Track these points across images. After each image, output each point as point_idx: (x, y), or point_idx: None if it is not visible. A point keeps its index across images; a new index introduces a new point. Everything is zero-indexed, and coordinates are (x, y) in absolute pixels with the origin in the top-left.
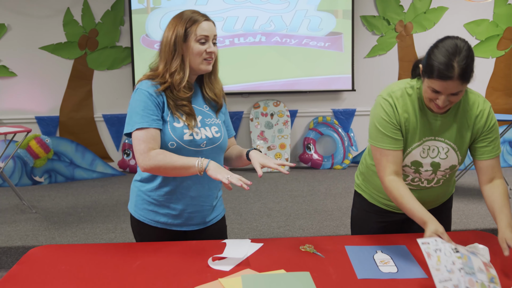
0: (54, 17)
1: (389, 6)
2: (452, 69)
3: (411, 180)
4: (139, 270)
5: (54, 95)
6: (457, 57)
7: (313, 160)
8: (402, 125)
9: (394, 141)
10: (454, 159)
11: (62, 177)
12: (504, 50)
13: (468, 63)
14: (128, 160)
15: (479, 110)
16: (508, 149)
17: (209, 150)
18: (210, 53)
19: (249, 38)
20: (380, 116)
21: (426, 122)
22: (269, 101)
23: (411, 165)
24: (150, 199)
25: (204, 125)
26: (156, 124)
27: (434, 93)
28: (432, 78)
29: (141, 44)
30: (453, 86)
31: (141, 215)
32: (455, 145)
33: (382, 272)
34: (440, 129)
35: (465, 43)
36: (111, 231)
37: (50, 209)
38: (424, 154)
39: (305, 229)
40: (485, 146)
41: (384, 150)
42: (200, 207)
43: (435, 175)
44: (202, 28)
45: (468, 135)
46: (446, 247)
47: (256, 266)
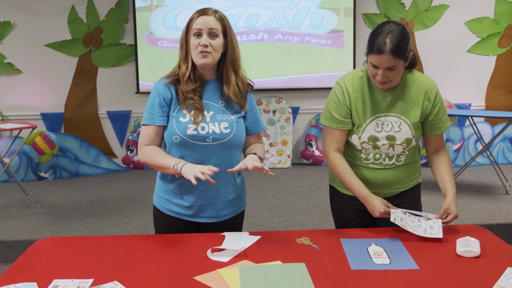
0: (59, 15)
1: (391, 4)
2: (384, 44)
3: (373, 158)
4: (140, 261)
5: (59, 92)
6: (391, 35)
7: (315, 156)
8: (353, 104)
9: (340, 122)
10: (408, 131)
11: (66, 173)
12: (505, 48)
13: (399, 41)
14: (132, 156)
15: (426, 88)
16: (509, 145)
17: (216, 146)
18: (204, 46)
19: (251, 36)
20: (331, 99)
21: (377, 100)
22: (271, 98)
23: (368, 141)
24: (166, 189)
25: (214, 120)
26: (158, 121)
27: (374, 68)
28: (371, 53)
29: (145, 42)
30: (387, 60)
31: (158, 203)
32: (406, 119)
33: (375, 263)
34: (391, 105)
35: (399, 25)
36: (115, 225)
37: (55, 204)
38: (378, 128)
39: (305, 224)
40: (436, 123)
41: (330, 128)
42: (211, 200)
43: (393, 149)
44: (197, 22)
45: (418, 110)
46: (400, 214)
47: (253, 257)
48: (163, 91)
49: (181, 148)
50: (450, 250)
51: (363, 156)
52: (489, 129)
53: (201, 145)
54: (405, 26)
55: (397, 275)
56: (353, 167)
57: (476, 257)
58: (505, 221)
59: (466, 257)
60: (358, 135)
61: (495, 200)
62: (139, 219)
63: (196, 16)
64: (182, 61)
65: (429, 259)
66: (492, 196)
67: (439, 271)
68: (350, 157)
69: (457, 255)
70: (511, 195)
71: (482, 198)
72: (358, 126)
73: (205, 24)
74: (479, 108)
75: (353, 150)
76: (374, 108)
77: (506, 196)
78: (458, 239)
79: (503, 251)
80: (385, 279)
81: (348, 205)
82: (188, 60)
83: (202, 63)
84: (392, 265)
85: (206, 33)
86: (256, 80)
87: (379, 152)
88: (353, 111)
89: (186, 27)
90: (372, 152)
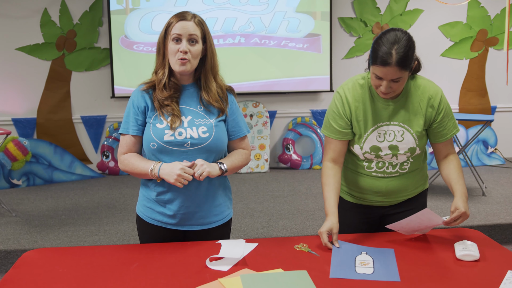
0: (31, 18)
1: (366, 8)
2: (390, 56)
3: (376, 166)
4: (137, 272)
5: (31, 96)
6: (396, 45)
7: (292, 160)
8: (353, 114)
9: (339, 132)
10: (411, 141)
11: (40, 180)
12: (477, 52)
13: (406, 52)
14: (107, 162)
15: (430, 94)
16: (482, 148)
17: (195, 151)
18: (184, 53)
19: (228, 40)
20: (331, 109)
21: (378, 109)
22: (248, 102)
23: (370, 151)
24: (149, 197)
25: (192, 125)
26: (132, 131)
27: (377, 79)
28: (375, 65)
29: (120, 45)
30: (392, 72)
31: (141, 212)
32: (409, 127)
33: (357, 273)
34: (393, 113)
35: (405, 34)
36: (94, 233)
37: (30, 212)
38: (380, 138)
39: (288, 229)
40: (441, 130)
41: (329, 138)
42: (195, 208)
43: (397, 158)
44: (176, 27)
45: (422, 118)
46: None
47: (253, 265)
48: (137, 100)
49: (159, 155)
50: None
51: (366, 165)
52: (463, 132)
53: (180, 151)
54: (410, 34)
55: (376, 286)
56: (356, 175)
57: (475, 260)
58: (485, 222)
59: (466, 261)
60: (360, 145)
61: (473, 202)
62: (119, 226)
63: (175, 21)
64: (159, 66)
65: (424, 267)
66: (470, 198)
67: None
68: (352, 165)
69: (456, 259)
70: (487, 197)
71: (473, 200)
72: (359, 136)
73: (184, 29)
74: (453, 111)
75: (355, 159)
76: (376, 118)
77: (483, 197)
78: (455, 243)
79: (501, 254)
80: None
81: (352, 213)
82: (165, 65)
83: (181, 71)
84: (374, 275)
85: (186, 39)
86: (233, 84)
87: (382, 160)
88: (354, 121)
89: (164, 32)
90: (375, 160)
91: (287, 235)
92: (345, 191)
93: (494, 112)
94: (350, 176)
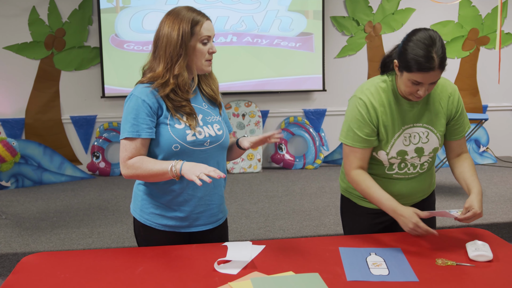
0: (19, 16)
1: (358, 7)
2: (433, 60)
3: (398, 168)
4: (143, 276)
5: (19, 96)
6: (435, 47)
7: (285, 160)
8: (380, 119)
9: (366, 141)
10: (435, 141)
11: (29, 181)
12: (469, 51)
13: (444, 52)
14: (98, 163)
15: (449, 92)
16: (474, 147)
17: (213, 149)
18: (212, 54)
19: (220, 38)
20: (354, 117)
21: (403, 112)
22: (241, 101)
23: (397, 156)
24: (158, 203)
25: (206, 123)
26: (145, 134)
27: (414, 85)
28: (413, 72)
29: (110, 44)
30: (434, 75)
31: (147, 220)
32: (433, 128)
33: (373, 274)
34: (418, 115)
35: (436, 33)
36: (88, 236)
37: (20, 214)
38: (406, 142)
39: (285, 230)
40: (458, 127)
41: (354, 148)
42: (206, 206)
43: (420, 160)
44: (205, 28)
45: (444, 116)
46: None
47: (263, 268)
48: (148, 99)
49: (179, 157)
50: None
51: (387, 166)
52: None
53: (200, 151)
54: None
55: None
56: (375, 179)
57: (489, 261)
58: (481, 221)
59: (479, 261)
60: (386, 151)
61: None
62: (113, 228)
63: (204, 20)
64: (182, 68)
65: (439, 267)
66: (465, 196)
67: (439, 283)
68: (372, 170)
69: (469, 259)
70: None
71: (455, 199)
72: (386, 142)
73: (211, 30)
74: None
75: (375, 163)
76: (402, 121)
77: None
78: (467, 244)
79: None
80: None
81: (364, 218)
82: (186, 67)
83: (208, 71)
84: (390, 276)
85: (212, 39)
86: (226, 84)
87: (405, 162)
88: (381, 126)
89: (189, 30)
90: (397, 163)
91: (284, 236)
92: (358, 196)
93: (485, 111)
94: None
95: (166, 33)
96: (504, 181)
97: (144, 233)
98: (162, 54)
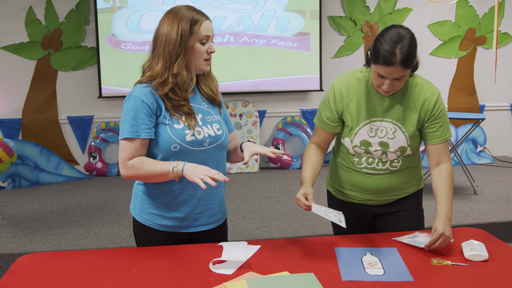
0: (16, 16)
1: (356, 7)
2: (394, 56)
3: (366, 162)
4: (138, 277)
5: (16, 97)
6: (400, 44)
7: (282, 160)
8: (345, 106)
9: (327, 124)
10: (402, 139)
11: (26, 182)
12: (466, 51)
13: (409, 50)
14: (95, 163)
15: (427, 95)
16: (472, 147)
17: (212, 149)
18: (210, 53)
19: (217, 38)
20: (324, 99)
21: (374, 104)
22: (238, 101)
23: (360, 145)
24: (157, 204)
25: (205, 123)
26: (144, 134)
27: (379, 78)
28: (378, 64)
29: (107, 44)
30: (395, 71)
31: (147, 220)
32: (402, 126)
33: (368, 274)
34: (387, 110)
35: (407, 31)
36: (84, 236)
37: (16, 214)
38: (372, 133)
39: (282, 230)
40: (434, 131)
41: (317, 127)
42: (206, 207)
43: (387, 156)
44: (204, 28)
45: (415, 117)
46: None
47: (258, 268)
48: (147, 99)
49: (178, 158)
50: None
51: (356, 160)
52: (453, 131)
53: (199, 151)
54: (412, 31)
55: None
56: (347, 172)
57: (484, 261)
58: (478, 221)
59: (475, 261)
60: (350, 138)
61: (465, 200)
62: (109, 228)
63: (203, 20)
64: (181, 67)
65: (434, 267)
66: (462, 196)
67: (434, 283)
68: (344, 161)
69: (465, 259)
70: (479, 195)
71: (456, 198)
72: (351, 129)
73: (211, 30)
74: None
75: (346, 154)
76: (370, 112)
77: (475, 196)
78: (462, 243)
79: (509, 253)
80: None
81: (345, 211)
82: (184, 65)
83: (206, 70)
84: (386, 276)
85: (211, 39)
86: (223, 84)
87: (371, 156)
88: (346, 113)
89: (188, 29)
90: (365, 156)
91: (281, 236)
92: (336, 189)
93: (482, 111)
94: (340, 173)
95: (165, 31)
96: (501, 180)
97: (144, 233)
98: (161, 52)
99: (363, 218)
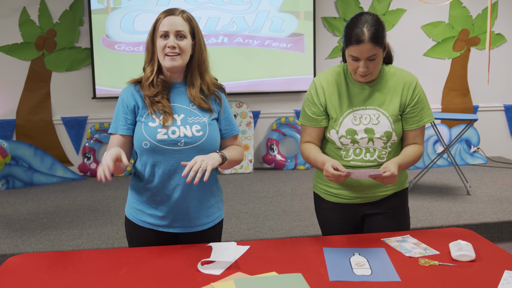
0: (9, 17)
1: (349, 8)
2: (362, 34)
3: (353, 154)
4: (126, 277)
5: (10, 97)
6: (366, 24)
7: (277, 161)
8: (328, 98)
9: (313, 119)
10: (387, 124)
11: (20, 183)
12: (460, 52)
13: (376, 29)
14: (89, 164)
15: (406, 80)
16: (465, 147)
17: (188, 150)
18: (172, 48)
19: (211, 39)
20: (306, 97)
21: (354, 93)
22: (232, 102)
23: (346, 135)
24: (140, 199)
25: (185, 123)
26: (121, 130)
27: (354, 61)
28: (350, 45)
29: (101, 45)
30: (367, 48)
31: (131, 214)
32: (384, 111)
33: (356, 274)
34: (368, 97)
35: (373, 16)
36: (77, 237)
37: (10, 215)
38: (356, 121)
39: (275, 231)
40: (413, 116)
41: (305, 126)
42: (186, 209)
43: (373, 143)
44: (163, 24)
45: (397, 101)
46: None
47: (246, 269)
48: (126, 98)
49: (152, 155)
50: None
51: (343, 154)
52: (446, 131)
53: (173, 150)
54: (378, 15)
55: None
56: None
57: (471, 261)
58: (471, 221)
59: (462, 261)
60: (336, 129)
61: (458, 201)
62: (103, 229)
63: (163, 17)
64: (148, 64)
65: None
66: (455, 197)
67: (421, 283)
68: (330, 156)
69: (452, 259)
70: (472, 196)
71: (445, 199)
72: (335, 120)
73: (172, 25)
74: (436, 110)
75: (333, 150)
76: (351, 101)
77: (467, 196)
78: (450, 243)
79: (496, 253)
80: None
81: (333, 213)
82: (154, 63)
83: (170, 66)
84: (373, 276)
85: (173, 34)
86: None
87: (358, 147)
88: (329, 104)
89: (152, 28)
90: (352, 147)
91: (274, 236)
92: (324, 190)
93: (476, 112)
94: None
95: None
96: (494, 181)
97: (129, 228)
98: (145, 53)
99: (351, 218)
